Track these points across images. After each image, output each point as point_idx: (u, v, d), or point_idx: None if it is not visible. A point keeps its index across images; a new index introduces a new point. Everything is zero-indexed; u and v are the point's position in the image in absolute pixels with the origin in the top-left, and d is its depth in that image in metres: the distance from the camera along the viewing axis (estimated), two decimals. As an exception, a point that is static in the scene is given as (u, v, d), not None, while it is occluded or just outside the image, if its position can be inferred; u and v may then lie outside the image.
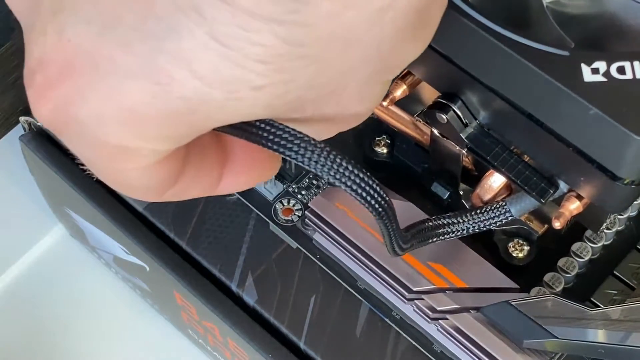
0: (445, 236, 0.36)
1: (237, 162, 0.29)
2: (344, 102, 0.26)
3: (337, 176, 0.26)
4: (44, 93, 0.24)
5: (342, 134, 0.29)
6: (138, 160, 0.25)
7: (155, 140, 0.25)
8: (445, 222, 0.36)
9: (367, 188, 0.26)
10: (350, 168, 0.26)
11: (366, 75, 0.26)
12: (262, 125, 0.25)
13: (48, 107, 0.25)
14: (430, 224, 0.35)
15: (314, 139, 0.26)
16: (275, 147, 0.26)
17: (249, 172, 0.29)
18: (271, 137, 0.25)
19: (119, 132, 0.24)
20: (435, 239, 0.35)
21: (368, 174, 0.26)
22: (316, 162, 0.25)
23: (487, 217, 0.36)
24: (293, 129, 0.26)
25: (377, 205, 0.27)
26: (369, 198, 0.26)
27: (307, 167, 0.26)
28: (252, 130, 0.26)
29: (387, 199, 0.27)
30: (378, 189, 0.26)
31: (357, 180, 0.26)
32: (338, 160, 0.26)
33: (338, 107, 0.26)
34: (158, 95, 0.23)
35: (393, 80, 0.34)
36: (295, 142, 0.25)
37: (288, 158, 0.26)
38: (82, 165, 0.27)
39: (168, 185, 0.27)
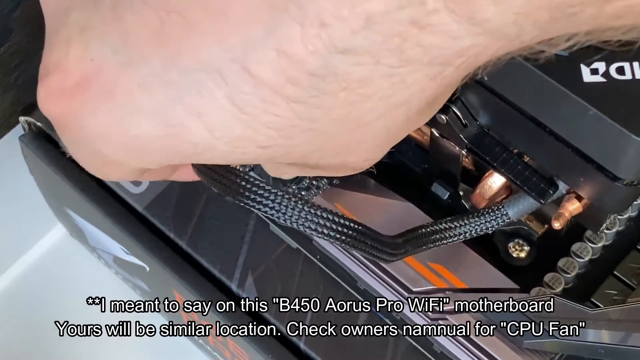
0: (442, 242, 0.35)
1: None
2: (349, 160, 0.27)
3: (301, 223, 0.27)
4: (56, 97, 0.25)
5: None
6: (127, 170, 0.27)
7: (149, 164, 0.26)
8: (440, 227, 0.36)
9: (330, 224, 0.27)
10: (307, 209, 0.27)
11: (372, 147, 0.26)
12: (233, 178, 0.27)
13: (57, 110, 0.26)
14: (425, 230, 0.35)
15: (280, 190, 0.27)
16: (246, 201, 0.27)
17: None
18: (234, 187, 0.27)
19: (119, 152, 0.26)
20: (432, 245, 0.35)
21: (327, 210, 0.27)
22: (284, 213, 0.27)
23: (483, 221, 0.36)
24: (259, 180, 0.27)
25: (344, 237, 0.28)
26: (332, 234, 0.27)
27: (276, 221, 0.27)
28: (221, 180, 0.27)
29: (354, 227, 0.28)
30: (343, 221, 0.27)
31: (316, 220, 0.27)
32: (306, 209, 0.27)
33: (342, 164, 0.27)
34: (167, 135, 0.24)
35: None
36: (259, 192, 0.27)
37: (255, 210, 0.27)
38: (72, 158, 0.29)
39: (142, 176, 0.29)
